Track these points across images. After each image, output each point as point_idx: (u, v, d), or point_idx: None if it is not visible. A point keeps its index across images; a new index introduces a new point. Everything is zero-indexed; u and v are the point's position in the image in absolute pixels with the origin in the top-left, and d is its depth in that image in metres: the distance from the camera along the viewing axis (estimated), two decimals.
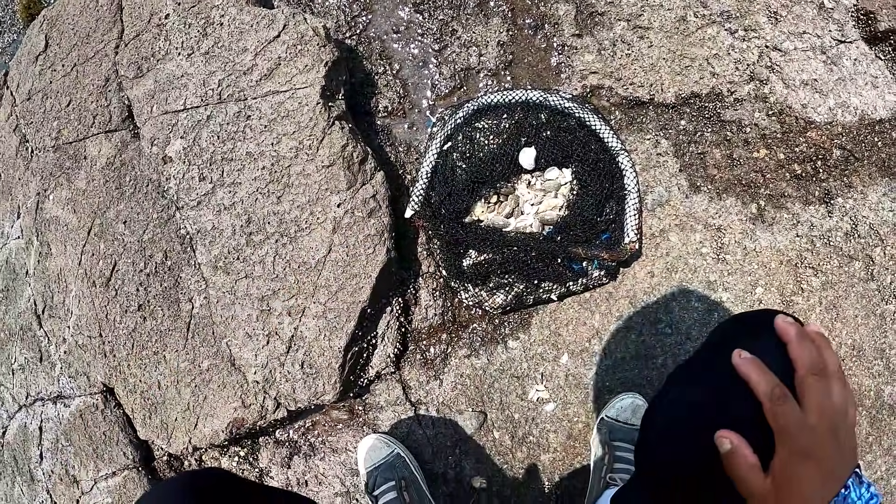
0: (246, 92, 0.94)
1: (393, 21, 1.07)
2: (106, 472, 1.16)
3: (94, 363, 1.10)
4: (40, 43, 1.27)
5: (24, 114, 1.24)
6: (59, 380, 1.23)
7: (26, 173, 1.22)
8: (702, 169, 1.07)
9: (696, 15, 1.10)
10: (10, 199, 1.29)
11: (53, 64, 1.21)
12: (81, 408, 1.16)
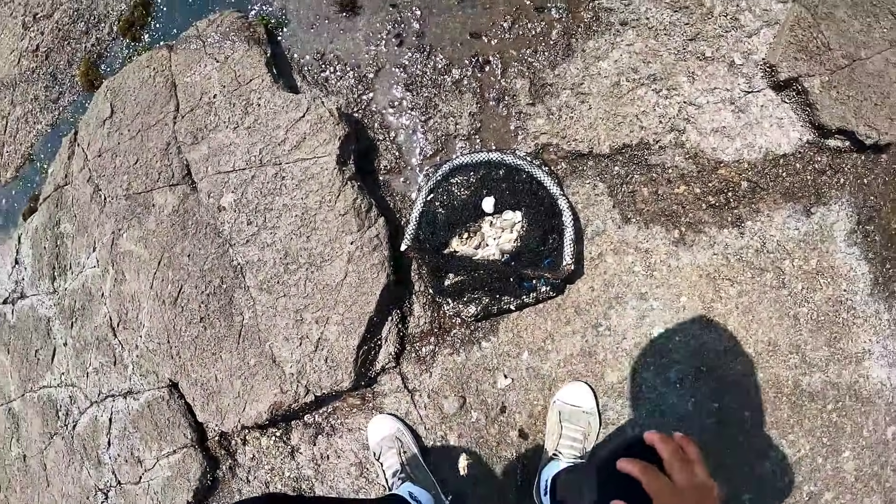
0: (281, 158, 1.31)
1: (389, 98, 1.44)
2: (168, 450, 1.53)
3: (162, 364, 1.47)
4: (106, 109, 1.65)
5: (96, 168, 1.63)
6: (130, 378, 1.61)
7: (101, 216, 1.60)
8: (632, 204, 1.40)
9: (627, 79, 1.43)
10: (85, 235, 1.67)
11: (120, 128, 1.59)
12: (150, 400, 1.54)
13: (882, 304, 1.43)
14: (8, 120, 2.03)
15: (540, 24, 1.38)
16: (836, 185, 1.44)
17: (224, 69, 1.37)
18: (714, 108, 1.41)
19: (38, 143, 1.93)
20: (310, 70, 1.44)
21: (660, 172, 1.40)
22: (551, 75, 1.38)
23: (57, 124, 1.88)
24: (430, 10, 1.39)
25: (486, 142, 1.36)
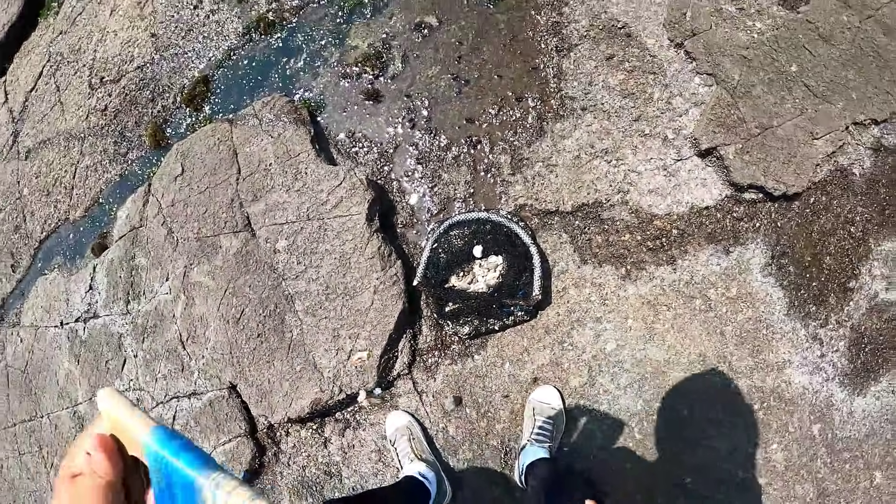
0: (323, 215, 1.79)
1: (404, 169, 1.91)
2: (224, 440, 1.99)
3: (224, 370, 1.94)
4: (178, 168, 2.15)
5: (169, 214, 2.12)
6: (195, 382, 2.07)
7: (174, 253, 2.08)
8: (588, 249, 1.86)
9: (585, 153, 1.90)
10: (159, 268, 2.15)
11: (190, 184, 2.08)
12: (211, 399, 2.01)
13: (798, 322, 1.86)
14: (77, 167, 2.48)
15: (519, 111, 1.85)
16: (752, 228, 1.91)
17: (277, 143, 1.86)
18: (651, 174, 1.89)
19: (107, 189, 2.37)
20: (343, 146, 1.92)
21: (610, 224, 1.88)
22: (527, 151, 1.84)
23: (125, 175, 2.31)
24: (435, 100, 1.88)
25: (478, 203, 1.83)
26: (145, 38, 2.32)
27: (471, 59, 1.90)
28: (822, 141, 1.81)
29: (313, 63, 2.01)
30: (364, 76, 1.94)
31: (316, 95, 1.99)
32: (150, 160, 2.24)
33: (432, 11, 1.93)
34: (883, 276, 1.80)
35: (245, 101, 2.03)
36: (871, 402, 1.76)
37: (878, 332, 1.76)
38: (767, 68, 1.87)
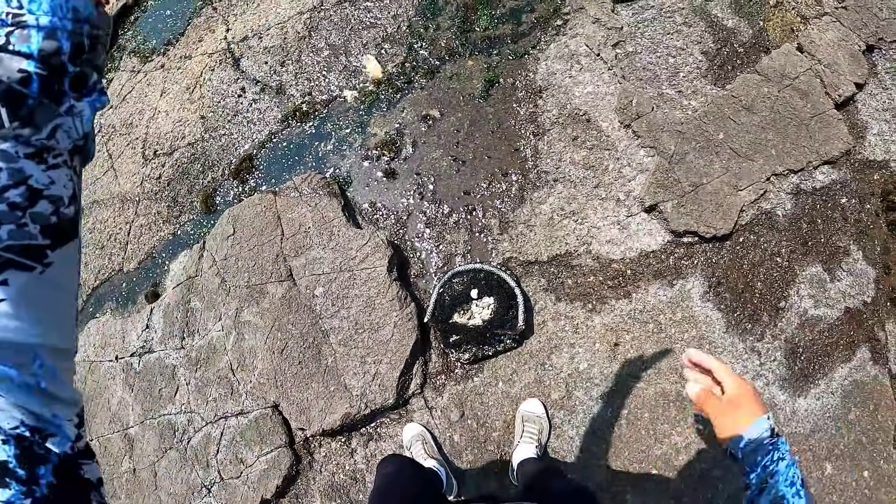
0: (353, 267, 2.45)
1: (416, 232, 2.47)
2: (267, 450, 2.57)
3: (269, 392, 2.54)
4: (230, 229, 2.79)
5: (223, 267, 2.75)
6: (243, 403, 2.66)
7: (227, 298, 2.71)
8: (562, 290, 2.50)
9: (557, 215, 2.53)
10: (212, 311, 2.76)
11: (240, 242, 2.73)
12: (257, 416, 2.59)
13: (736, 337, 2.20)
14: (132, 226, 2.98)
15: (505, 184, 2.43)
16: (691, 265, 2.48)
17: (314, 211, 2.53)
18: (608, 228, 2.53)
19: (160, 245, 2.85)
20: (367, 213, 2.49)
21: (578, 270, 2.51)
22: (512, 215, 2.40)
23: (177, 234, 2.81)
24: (439, 177, 2.47)
25: (474, 257, 2.37)
26: (195, 119, 2.99)
27: (467, 144, 2.52)
28: (745, 191, 2.42)
29: (341, 147, 2.62)
30: (382, 158, 2.55)
31: (344, 173, 2.58)
32: (201, 223, 2.77)
33: (435, 106, 2.58)
34: (810, 296, 2.30)
35: (284, 176, 2.64)
36: (811, 402, 2.22)
37: (812, 342, 2.25)
38: (698, 138, 2.54)
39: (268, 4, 3.05)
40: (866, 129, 2.64)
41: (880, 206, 2.54)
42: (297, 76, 2.81)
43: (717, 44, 2.68)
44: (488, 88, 2.59)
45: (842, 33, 2.82)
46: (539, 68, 2.64)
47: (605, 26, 2.67)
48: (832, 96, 2.66)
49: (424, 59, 2.70)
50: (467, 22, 2.72)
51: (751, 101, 2.62)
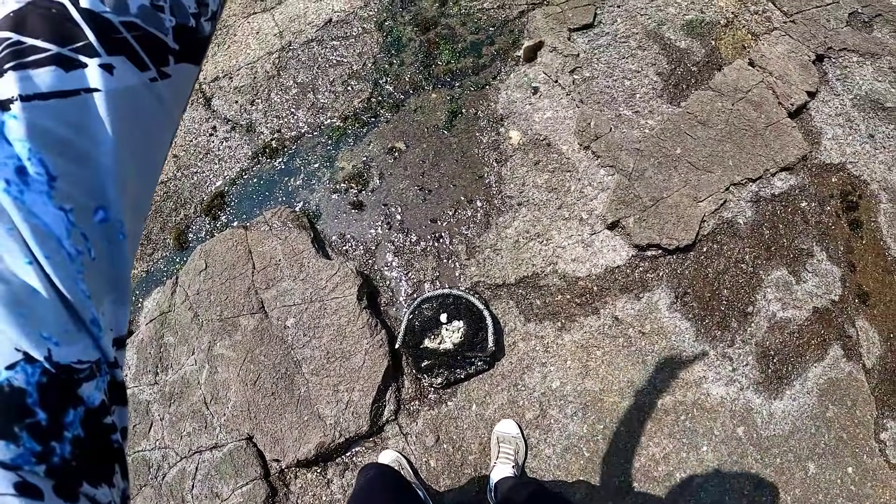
0: (323, 297, 2.52)
1: (385, 261, 2.55)
2: (242, 483, 2.60)
3: (243, 423, 2.57)
4: (202, 264, 2.87)
5: (195, 301, 2.82)
6: (217, 436, 2.68)
7: (199, 332, 2.76)
8: (531, 310, 2.57)
9: (523, 238, 2.63)
10: (185, 345, 2.82)
11: (212, 277, 2.80)
12: (231, 449, 2.62)
13: (707, 345, 2.25)
14: None
15: (471, 210, 2.51)
16: (656, 277, 2.54)
17: (285, 244, 2.60)
18: (573, 247, 2.61)
19: (134, 283, 3.06)
20: (336, 244, 2.56)
21: (545, 289, 2.58)
22: (478, 241, 2.47)
23: (151, 271, 2.87)
24: (406, 206, 2.55)
25: (443, 283, 2.45)
26: (168, 158, 3.11)
27: (432, 174, 2.61)
28: (705, 202, 2.52)
29: (310, 181, 2.70)
30: (350, 191, 2.63)
31: (313, 206, 2.66)
32: (174, 259, 2.82)
33: (401, 138, 2.68)
34: (777, 299, 2.38)
35: (255, 211, 2.71)
36: (788, 403, 2.27)
37: (783, 344, 2.32)
38: (656, 154, 2.65)
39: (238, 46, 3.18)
40: (821, 134, 2.77)
41: (840, 207, 2.65)
42: (266, 114, 2.92)
43: (671, 64, 2.81)
44: (452, 119, 2.71)
45: (791, 46, 2.96)
46: (500, 97, 2.76)
47: (562, 54, 2.80)
48: (785, 106, 2.79)
49: (389, 93, 2.82)
50: (430, 57, 2.85)
51: (706, 116, 2.74)
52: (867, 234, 2.60)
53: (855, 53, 3.01)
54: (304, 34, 3.06)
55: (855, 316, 2.45)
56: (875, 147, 2.78)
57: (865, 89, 2.93)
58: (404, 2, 3.06)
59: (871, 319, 2.45)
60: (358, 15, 3.07)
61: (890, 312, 2.47)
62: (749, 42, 2.97)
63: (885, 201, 2.66)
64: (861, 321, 2.44)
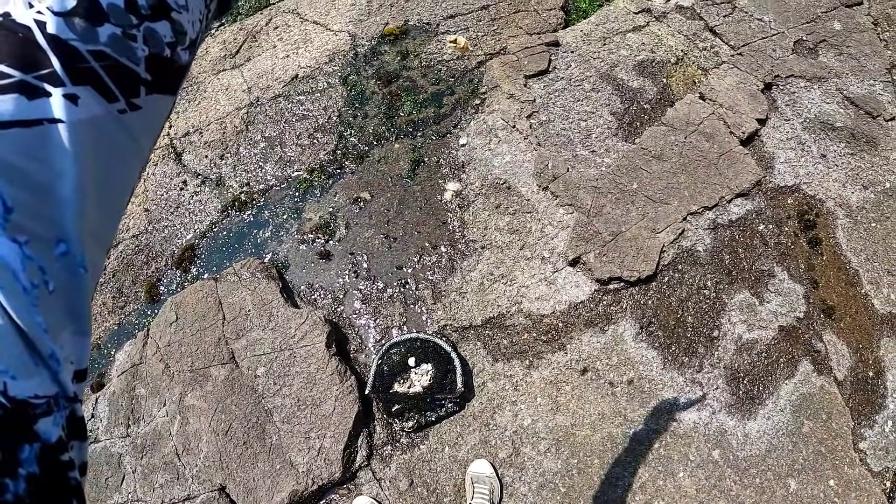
0: (293, 345, 2.60)
1: (353, 309, 2.64)
2: None
3: (215, 474, 2.60)
4: (172, 316, 2.95)
5: (166, 353, 2.89)
6: (189, 487, 2.71)
7: (171, 383, 2.82)
8: (498, 350, 2.66)
9: (487, 280, 2.68)
10: (157, 397, 2.87)
11: (183, 328, 2.88)
12: (204, 500, 2.63)
13: (675, 372, 2.33)
14: None
15: (435, 256, 2.62)
16: (620, 309, 2.60)
17: (254, 294, 2.70)
18: (536, 286, 2.72)
19: (106, 336, 3.03)
20: (305, 294, 2.65)
21: (512, 329, 2.66)
22: (444, 285, 2.58)
23: (122, 324, 2.94)
24: (372, 254, 2.66)
25: (410, 328, 2.55)
26: (139, 212, 3.19)
27: (397, 222, 2.73)
28: (663, 233, 2.64)
29: (278, 233, 2.81)
30: (317, 241, 2.74)
31: (282, 257, 2.76)
32: (145, 312, 2.89)
33: (366, 188, 2.80)
34: (742, 321, 2.48)
35: (225, 263, 2.79)
36: (762, 422, 2.32)
37: (752, 365, 2.41)
38: (613, 190, 2.79)
39: (208, 102, 3.32)
40: (774, 158, 2.94)
41: (798, 227, 2.79)
42: (235, 168, 3.04)
43: (624, 104, 2.98)
44: (415, 168, 2.85)
45: (740, 77, 3.15)
46: (461, 145, 2.90)
47: (518, 100, 2.96)
48: (737, 135, 2.95)
49: (354, 145, 2.97)
50: (393, 108, 3.01)
51: (660, 150, 2.89)
52: (827, 251, 2.73)
53: (802, 79, 3.20)
54: (271, 89, 3.22)
55: (822, 330, 2.55)
56: (828, 166, 2.94)
57: (814, 112, 3.11)
58: (367, 56, 3.23)
59: (838, 332, 2.55)
60: (323, 70, 3.23)
61: (857, 323, 2.58)
62: (699, 77, 3.15)
63: (842, 216, 2.81)
64: (828, 335, 2.54)
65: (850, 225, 2.78)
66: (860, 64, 3.29)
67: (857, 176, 2.92)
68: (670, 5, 3.45)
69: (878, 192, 2.88)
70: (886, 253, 2.70)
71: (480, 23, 3.31)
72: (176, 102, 0.46)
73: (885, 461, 2.30)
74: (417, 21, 3.36)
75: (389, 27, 3.31)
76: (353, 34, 3.37)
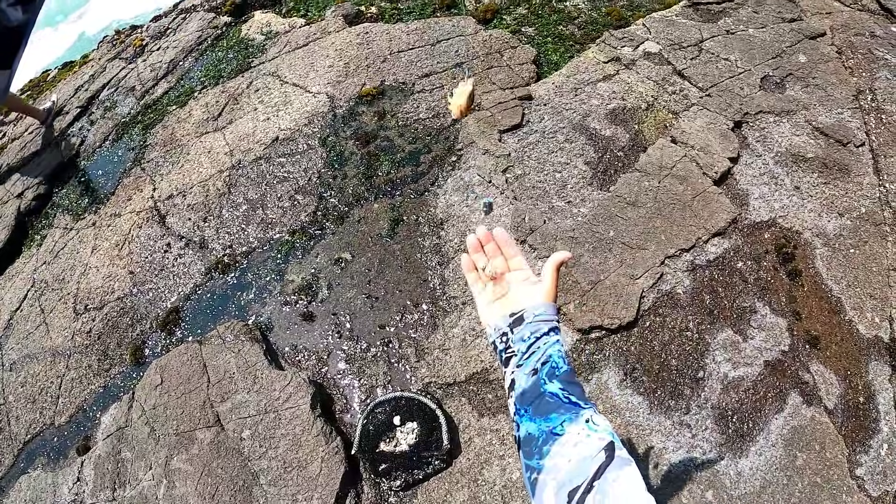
0: (277, 407, 2.64)
1: (337, 368, 2.70)
2: None
3: None
4: (157, 379, 2.99)
5: (152, 416, 2.91)
6: None
7: (156, 446, 2.84)
8: (483, 405, 2.70)
9: (469, 336, 2.71)
10: (143, 460, 2.88)
11: (168, 391, 2.92)
12: None
13: (662, 416, 2.33)
14: (63, 380, 3.08)
15: (417, 314, 2.69)
16: (603, 357, 2.54)
17: (238, 357, 2.75)
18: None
19: (91, 398, 2.98)
20: (289, 355, 2.71)
21: (496, 383, 2.60)
22: (426, 342, 2.64)
23: (108, 386, 2.94)
24: (354, 314, 2.73)
25: (394, 386, 2.61)
26: (124, 275, 3.26)
27: (378, 281, 2.81)
28: (642, 279, 2.67)
29: (261, 295, 2.88)
30: (300, 302, 2.81)
31: (265, 319, 2.83)
32: (131, 374, 2.93)
33: (347, 249, 2.89)
34: (727, 360, 2.50)
35: (209, 325, 2.86)
36: (754, 459, 2.30)
37: (739, 402, 2.41)
38: (590, 239, 2.86)
39: (191, 165, 3.43)
40: (748, 195, 3.02)
41: (776, 261, 2.84)
42: (218, 230, 3.13)
43: (598, 153, 3.09)
44: (394, 227, 2.94)
45: (710, 118, 3.28)
46: (439, 202, 3.00)
47: (494, 155, 3.08)
48: (709, 175, 3.05)
49: (334, 206, 3.07)
50: (371, 169, 3.12)
51: (634, 196, 2.99)
52: (807, 281, 2.78)
53: (771, 114, 3.33)
54: (252, 152, 3.33)
55: (808, 361, 2.57)
56: (802, 197, 3.03)
57: (785, 145, 3.22)
58: (345, 117, 3.36)
59: (825, 361, 2.58)
60: (303, 132, 3.36)
61: (843, 350, 2.61)
62: (670, 121, 3.28)
63: (820, 246, 2.87)
64: (815, 365, 2.57)
65: (828, 253, 2.83)
66: (827, 94, 3.44)
67: (832, 204, 2.99)
68: (638, 52, 3.61)
69: (853, 218, 2.95)
70: (867, 277, 2.74)
71: (455, 80, 3.46)
72: (12, 78, 0.21)
73: (884, 485, 2.29)
74: (393, 81, 3.51)
75: (366, 88, 3.46)
76: (332, 95, 3.51)
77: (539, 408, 0.82)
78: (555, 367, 0.89)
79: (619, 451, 0.71)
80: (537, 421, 0.81)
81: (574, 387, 0.87)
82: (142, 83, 4.60)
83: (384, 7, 4.35)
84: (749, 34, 3.76)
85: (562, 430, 0.77)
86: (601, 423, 0.76)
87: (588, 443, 0.73)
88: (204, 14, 5.04)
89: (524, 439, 0.82)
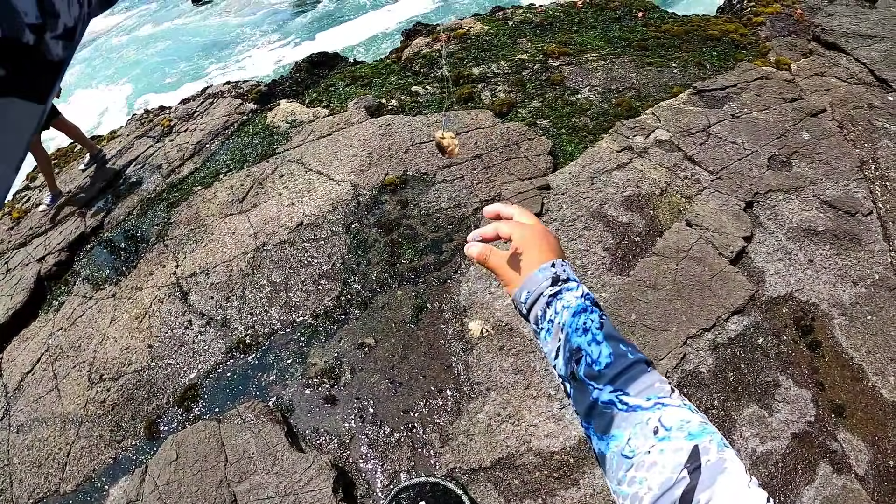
0: (298, 491, 2.60)
1: (359, 452, 2.69)
2: None
3: None
4: (173, 454, 2.98)
5: (165, 492, 2.87)
6: None
7: None
8: (510, 490, 2.54)
9: (494, 421, 2.70)
10: None
11: (183, 468, 2.90)
12: None
13: None
14: (72, 447, 3.07)
15: (441, 399, 2.75)
16: None
17: (258, 438, 2.77)
18: (544, 423, 2.81)
19: (100, 469, 2.95)
20: (310, 439, 2.76)
21: (522, 468, 2.68)
22: (451, 428, 2.68)
23: (119, 458, 2.94)
24: (378, 399, 2.80)
25: (419, 472, 2.63)
26: (143, 347, 3.32)
27: (402, 366, 2.89)
28: (665, 360, 2.80)
29: (283, 376, 2.95)
30: (322, 385, 2.88)
31: (286, 401, 2.89)
32: (144, 448, 2.94)
33: (370, 334, 3.00)
34: (754, 435, 2.56)
35: (229, 404, 2.93)
36: None
37: (769, 477, 2.48)
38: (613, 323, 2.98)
39: (215, 244, 3.57)
40: (764, 272, 3.15)
41: (796, 334, 2.93)
42: (241, 310, 3.22)
43: (616, 239, 3.23)
44: (418, 314, 3.05)
45: (722, 199, 3.44)
46: (462, 290, 3.12)
47: None
48: (725, 255, 3.18)
49: (358, 291, 3.19)
50: (394, 256, 3.26)
51: (654, 280, 3.10)
52: (828, 351, 2.86)
53: (780, 192, 3.49)
54: (277, 235, 3.49)
55: (835, 430, 2.61)
56: (816, 270, 3.15)
57: (796, 221, 3.36)
58: (369, 205, 3.54)
59: (851, 429, 2.62)
60: (327, 218, 3.53)
61: (869, 417, 2.65)
62: (683, 205, 3.44)
63: (838, 316, 2.97)
64: (842, 433, 2.61)
65: (846, 322, 2.93)
66: (832, 167, 3.61)
67: (846, 274, 3.11)
68: (650, 140, 3.84)
69: (868, 286, 3.06)
70: (886, 342, 2.81)
71: (475, 171, 3.67)
72: (44, 116, 0.32)
73: None
74: (416, 171, 3.73)
75: (389, 177, 3.67)
76: (356, 184, 3.72)
77: (600, 424, 0.71)
78: (591, 361, 0.75)
79: (704, 457, 0.59)
80: (604, 439, 0.71)
81: (624, 373, 0.73)
82: (168, 162, 4.85)
83: (404, 100, 4.66)
84: (753, 116, 4.01)
85: (631, 453, 0.66)
86: (673, 422, 0.63)
87: (664, 460, 0.62)
88: (231, 100, 5.38)
89: (598, 458, 0.73)
